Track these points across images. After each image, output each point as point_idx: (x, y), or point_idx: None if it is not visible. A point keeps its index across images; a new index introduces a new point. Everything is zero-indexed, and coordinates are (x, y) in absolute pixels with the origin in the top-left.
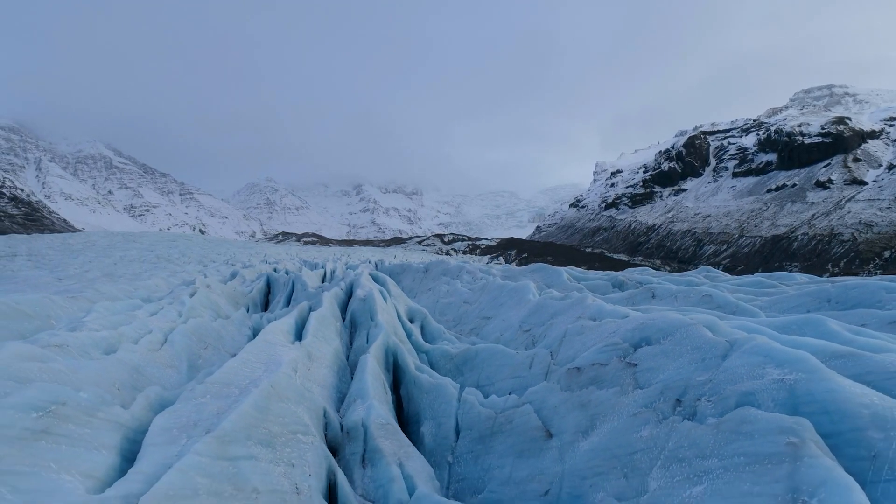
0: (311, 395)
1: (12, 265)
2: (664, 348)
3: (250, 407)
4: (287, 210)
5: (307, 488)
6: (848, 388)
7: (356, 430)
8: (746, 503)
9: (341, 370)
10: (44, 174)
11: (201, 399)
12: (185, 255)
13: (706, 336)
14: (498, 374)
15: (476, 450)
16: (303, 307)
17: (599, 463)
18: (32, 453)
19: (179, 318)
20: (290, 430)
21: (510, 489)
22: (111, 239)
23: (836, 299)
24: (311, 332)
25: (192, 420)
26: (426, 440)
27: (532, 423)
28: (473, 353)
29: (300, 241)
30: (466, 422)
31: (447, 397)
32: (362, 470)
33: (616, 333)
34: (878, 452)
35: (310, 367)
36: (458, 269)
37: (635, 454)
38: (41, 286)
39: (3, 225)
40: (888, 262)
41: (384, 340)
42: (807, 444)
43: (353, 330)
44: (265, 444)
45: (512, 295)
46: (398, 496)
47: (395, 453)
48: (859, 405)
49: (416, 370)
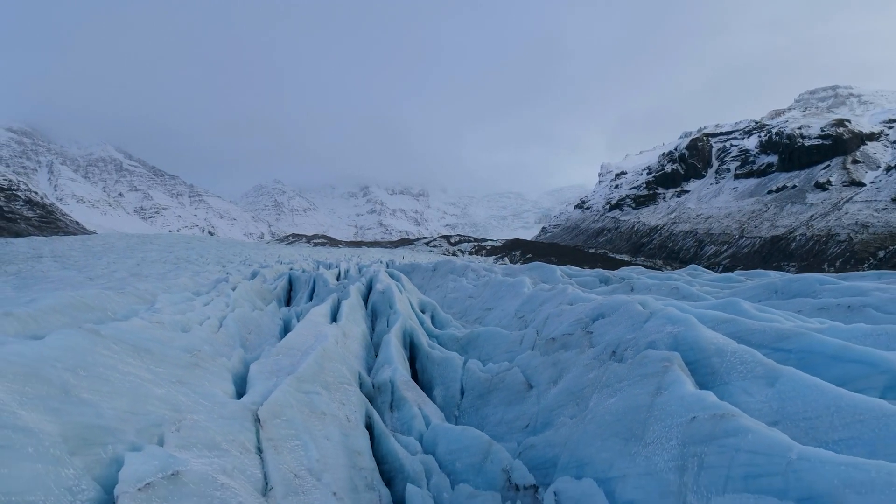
0: (349, 359)
1: (41, 266)
2: (611, 319)
3: (312, 361)
4: (295, 212)
5: (354, 419)
6: (706, 334)
7: (385, 385)
8: (635, 400)
9: (367, 347)
10: (56, 177)
11: (276, 357)
12: (202, 257)
13: (637, 309)
14: (495, 350)
15: (476, 404)
16: (334, 298)
17: (562, 400)
18: (194, 375)
19: (227, 307)
20: (338, 381)
21: (501, 427)
22: (128, 241)
23: (781, 290)
24: (344, 315)
25: (274, 368)
26: (438, 400)
27: (518, 380)
28: (476, 335)
29: (310, 242)
30: (469, 384)
31: (454, 367)
32: (390, 413)
33: (582, 312)
34: (715, 370)
35: (345, 342)
36: (463, 268)
37: (584, 389)
38: (76, 285)
39: (20, 227)
40: (882, 261)
41: (402, 324)
42: (673, 366)
43: (374, 318)
44: (325, 387)
45: (510, 289)
46: (419, 428)
47: (415, 400)
48: (710, 343)
49: (428, 347)
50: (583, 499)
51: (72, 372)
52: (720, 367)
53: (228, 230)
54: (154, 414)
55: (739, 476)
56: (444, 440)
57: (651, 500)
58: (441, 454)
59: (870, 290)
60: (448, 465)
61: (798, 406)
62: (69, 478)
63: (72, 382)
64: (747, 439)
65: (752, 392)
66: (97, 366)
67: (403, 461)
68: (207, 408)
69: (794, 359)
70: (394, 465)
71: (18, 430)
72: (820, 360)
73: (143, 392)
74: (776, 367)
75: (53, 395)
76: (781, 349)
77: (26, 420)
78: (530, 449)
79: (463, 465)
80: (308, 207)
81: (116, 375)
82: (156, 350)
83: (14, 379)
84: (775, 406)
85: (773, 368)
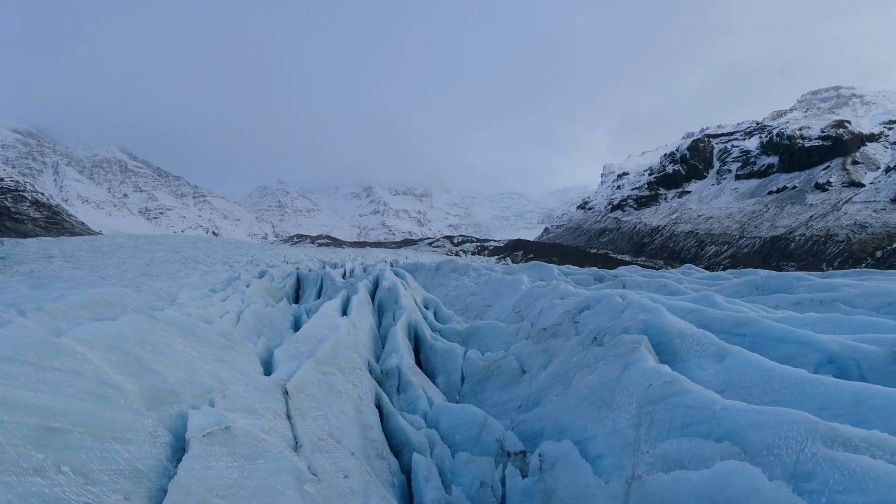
0: (359, 348)
1: (52, 266)
2: (595, 310)
3: (328, 348)
4: (298, 212)
5: (365, 398)
6: (671, 320)
7: (392, 371)
8: (607, 375)
9: (375, 339)
10: (61, 178)
11: (296, 343)
12: (210, 257)
13: (617, 301)
14: (494, 341)
15: (475, 389)
16: (344, 294)
17: (551, 381)
18: (230, 355)
19: (243, 303)
20: (351, 366)
21: (498, 408)
22: (135, 241)
23: (762, 287)
24: (354, 309)
25: (295, 353)
26: (440, 386)
27: (513, 366)
28: (475, 328)
29: (314, 242)
30: (469, 371)
31: (456, 356)
32: (397, 395)
33: (571, 305)
34: (676, 349)
35: (355, 333)
36: (465, 267)
37: (569, 370)
38: (89, 284)
39: (27, 228)
40: (880, 261)
41: (408, 318)
42: (640, 346)
43: (381, 313)
44: (339, 370)
45: (508, 286)
46: (423, 407)
47: (420, 384)
48: (672, 328)
49: (432, 339)
50: (561, 456)
51: (141, 346)
52: (680, 347)
53: (232, 231)
54: (204, 383)
55: (678, 426)
56: (446, 417)
57: (614, 452)
58: (443, 429)
59: (840, 286)
60: (449, 437)
61: (740, 377)
62: (150, 426)
63: (142, 354)
64: (686, 398)
65: (705, 367)
66: (158, 343)
67: (410, 435)
68: (244, 381)
69: (748, 341)
70: (401, 438)
71: (112, 386)
72: (768, 342)
73: (194, 366)
74: (725, 346)
75: (130, 363)
76: (738, 333)
77: (115, 380)
78: (521, 424)
79: (462, 437)
80: (311, 208)
81: (172, 351)
82: (199, 333)
83: (102, 349)
84: (722, 378)
85: (723, 347)
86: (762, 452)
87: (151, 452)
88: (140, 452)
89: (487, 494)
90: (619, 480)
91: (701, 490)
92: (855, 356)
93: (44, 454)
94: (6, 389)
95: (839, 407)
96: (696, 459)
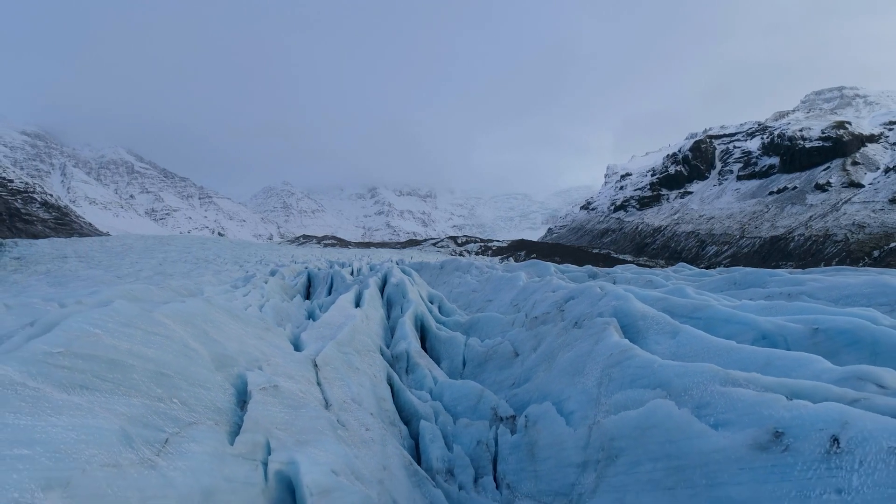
0: (372, 335)
1: (67, 266)
2: (578, 300)
3: (347, 332)
4: (303, 213)
5: (379, 376)
6: (637, 305)
7: (402, 354)
8: (582, 350)
9: (385, 329)
10: (68, 179)
11: (319, 329)
12: (220, 257)
13: (597, 291)
14: (493, 331)
15: (475, 371)
16: (356, 288)
17: (539, 361)
18: (268, 335)
19: (262, 298)
20: (366, 349)
21: (494, 386)
22: (145, 242)
23: (738, 282)
24: (366, 302)
25: (318, 336)
26: (444, 370)
27: (508, 350)
28: (476, 320)
29: (320, 243)
30: (470, 356)
31: (458, 343)
32: (406, 375)
33: (559, 296)
34: (639, 329)
35: (368, 322)
36: (468, 265)
37: (554, 350)
38: (106, 282)
39: (37, 229)
40: (877, 260)
41: (415, 310)
42: (609, 326)
43: (389, 307)
44: (356, 351)
45: (507, 282)
46: (429, 385)
47: (426, 365)
48: (638, 312)
49: (437, 329)
50: (542, 415)
51: (205, 323)
52: (643, 327)
53: (238, 231)
54: (252, 354)
55: (628, 381)
56: (449, 391)
57: (582, 407)
58: (446, 401)
59: (806, 281)
60: (451, 408)
61: (687, 350)
62: (220, 380)
63: (207, 329)
64: (636, 360)
65: (661, 342)
66: (215, 321)
67: (417, 407)
68: (282, 355)
69: (702, 323)
70: (410, 410)
71: (192, 349)
72: (718, 323)
73: (243, 340)
74: (678, 325)
75: (200, 334)
76: (694, 317)
77: (194, 345)
78: (513, 396)
79: (462, 408)
80: (316, 209)
81: (226, 328)
82: (242, 316)
83: (180, 323)
84: (673, 350)
85: (676, 327)
86: (680, 393)
87: (224, 398)
88: (217, 397)
89: (483, 450)
90: (583, 427)
91: (636, 421)
92: (782, 332)
93: (161, 389)
94: (131, 344)
95: (754, 367)
96: (637, 403)
